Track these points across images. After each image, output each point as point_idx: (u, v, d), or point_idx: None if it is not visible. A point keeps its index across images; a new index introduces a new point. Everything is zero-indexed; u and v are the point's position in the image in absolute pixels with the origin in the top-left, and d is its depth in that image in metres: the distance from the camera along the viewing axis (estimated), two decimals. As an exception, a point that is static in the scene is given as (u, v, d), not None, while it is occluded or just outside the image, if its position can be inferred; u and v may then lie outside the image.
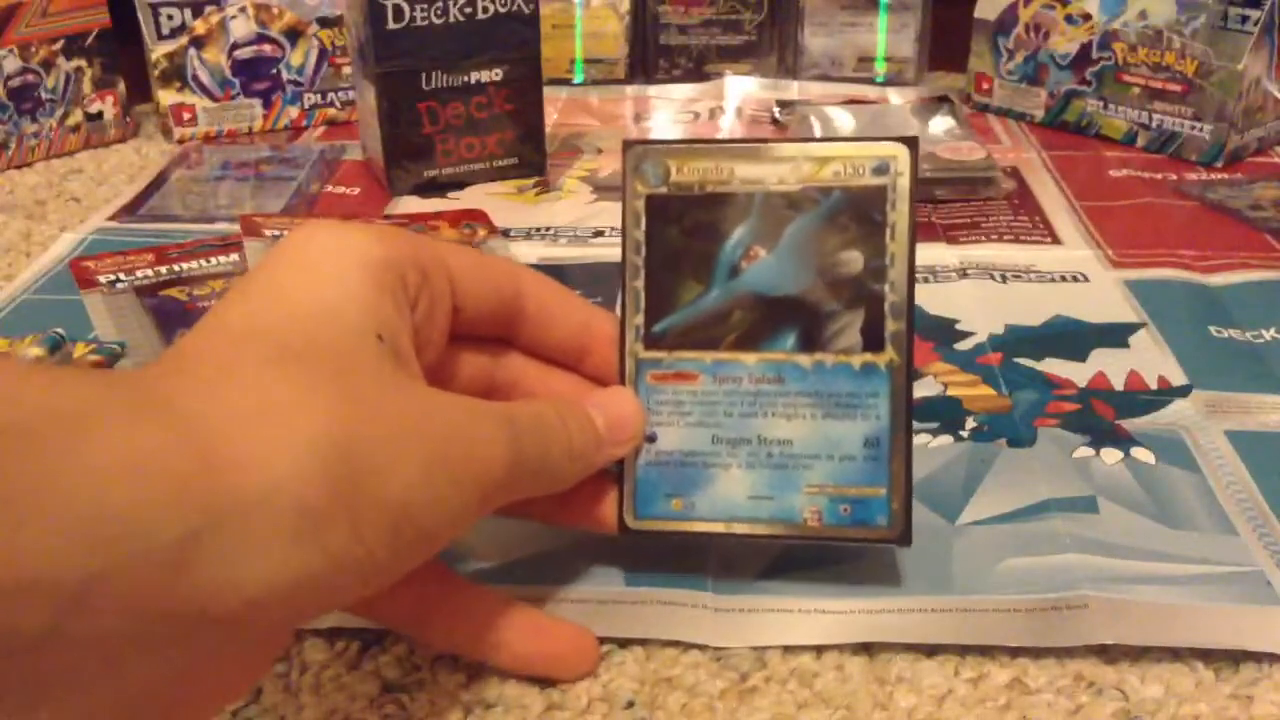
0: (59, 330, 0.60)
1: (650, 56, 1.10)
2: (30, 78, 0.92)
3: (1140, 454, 0.53)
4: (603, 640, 0.44)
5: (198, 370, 0.33)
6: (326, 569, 0.31)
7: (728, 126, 0.99)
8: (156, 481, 0.28)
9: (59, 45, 0.93)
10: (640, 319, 0.43)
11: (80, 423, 0.27)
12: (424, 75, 0.81)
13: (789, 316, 0.43)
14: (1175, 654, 0.43)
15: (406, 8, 0.78)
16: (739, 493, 0.43)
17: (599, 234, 0.78)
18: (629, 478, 0.44)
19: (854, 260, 0.42)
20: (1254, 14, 0.84)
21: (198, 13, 0.94)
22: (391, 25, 0.78)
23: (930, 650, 0.43)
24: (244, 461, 0.29)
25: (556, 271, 0.72)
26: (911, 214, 0.42)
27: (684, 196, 0.43)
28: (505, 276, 0.43)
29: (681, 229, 0.43)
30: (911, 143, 0.42)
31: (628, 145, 0.44)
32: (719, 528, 0.43)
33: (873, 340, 0.42)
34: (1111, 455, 0.53)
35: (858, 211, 0.42)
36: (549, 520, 0.46)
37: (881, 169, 0.42)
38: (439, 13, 0.79)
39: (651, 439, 0.44)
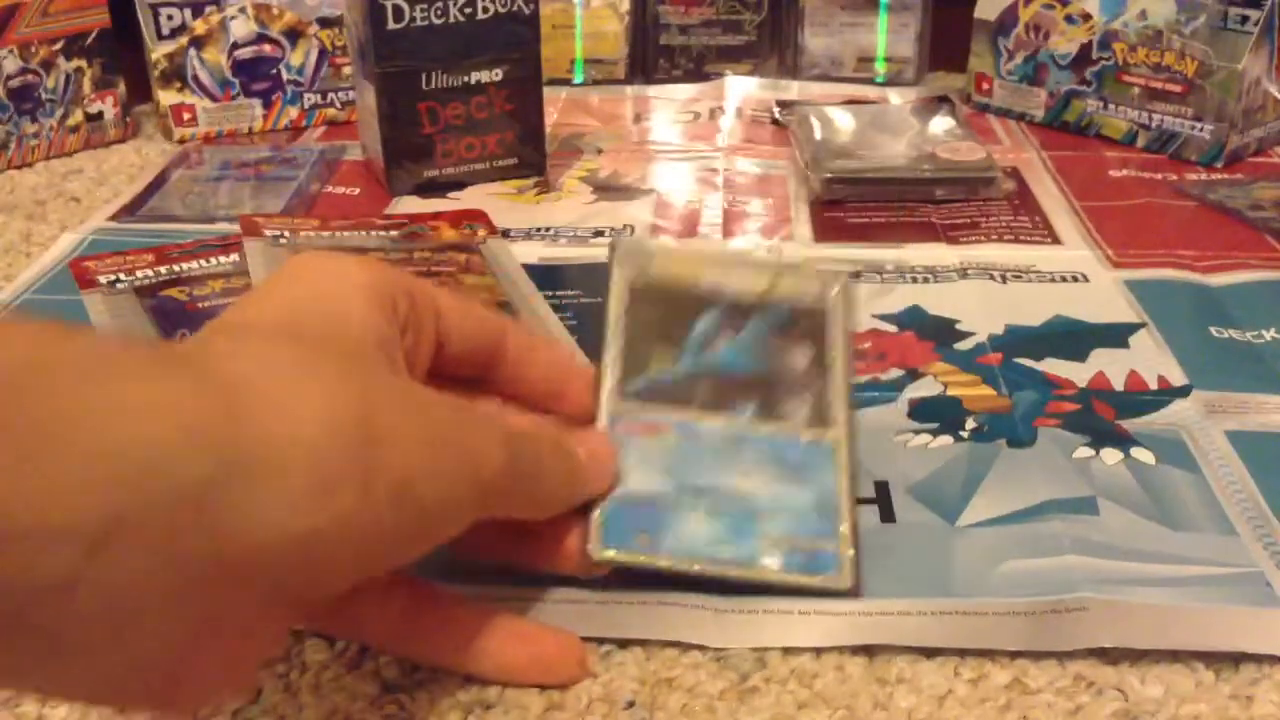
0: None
1: (650, 56, 1.10)
2: (30, 78, 0.92)
3: (1140, 454, 0.53)
4: (602, 640, 0.44)
5: (211, 346, 0.34)
6: (334, 528, 0.31)
7: (728, 127, 0.99)
8: (179, 423, 0.28)
9: (59, 45, 0.93)
10: (614, 380, 0.48)
11: (104, 366, 0.28)
12: (424, 75, 0.81)
13: (749, 391, 0.48)
14: (1175, 654, 0.43)
15: (406, 8, 0.78)
16: (701, 535, 0.45)
17: (599, 234, 0.78)
18: (597, 512, 0.45)
19: (802, 356, 0.49)
20: (1254, 14, 0.84)
21: (198, 13, 0.94)
22: (391, 25, 0.78)
23: (930, 651, 0.43)
24: (264, 414, 0.30)
25: (557, 271, 0.72)
26: (846, 331, 0.49)
27: (661, 288, 0.50)
28: (490, 320, 0.46)
29: (657, 313, 0.49)
30: (850, 276, 0.50)
31: (614, 244, 0.50)
32: (682, 565, 0.45)
33: (819, 418, 0.48)
34: (1111, 455, 0.53)
35: (803, 325, 0.49)
36: (516, 559, 0.46)
37: (823, 296, 0.50)
38: (439, 13, 0.79)
39: (620, 481, 0.46)
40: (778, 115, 0.99)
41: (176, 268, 0.70)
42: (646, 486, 0.46)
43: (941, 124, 0.89)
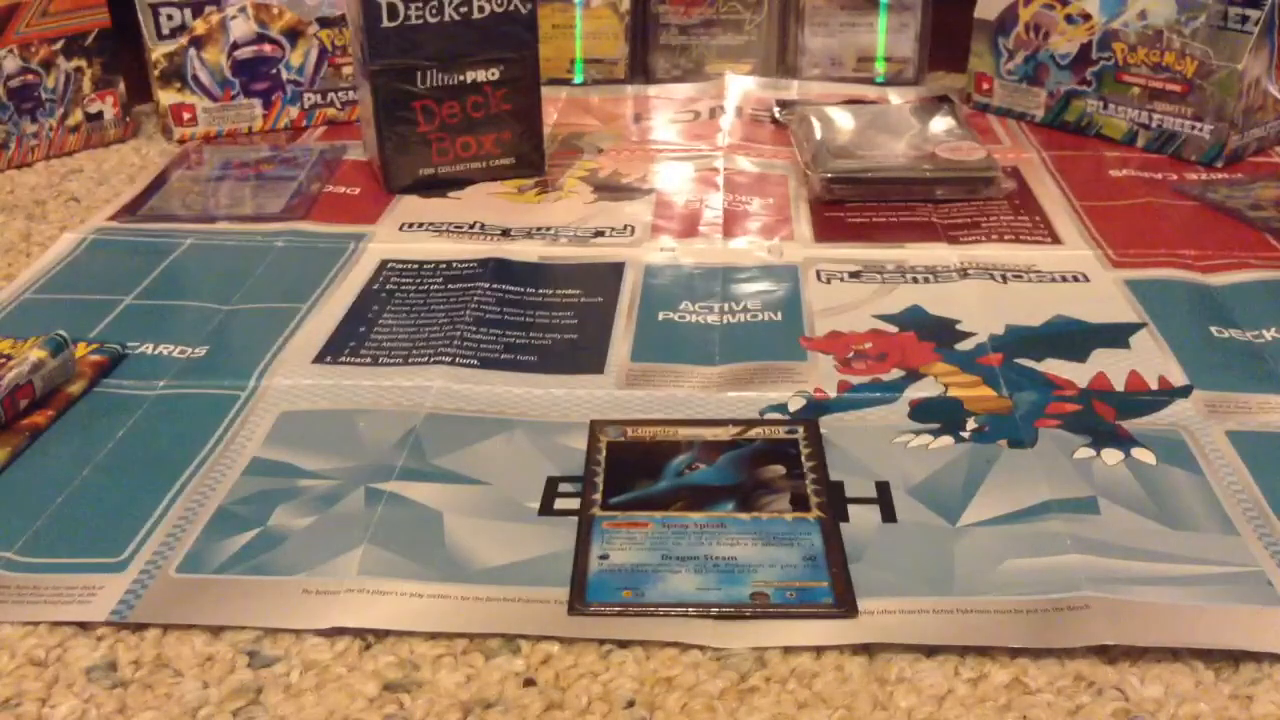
0: (61, 333, 0.60)
1: (650, 56, 1.10)
2: (30, 78, 0.92)
3: (1141, 454, 0.53)
4: (602, 641, 0.44)
5: None
6: None
7: (728, 126, 0.99)
8: None
9: (59, 45, 0.93)
10: (598, 495, 0.51)
11: None
12: (419, 74, 0.81)
13: (728, 494, 0.51)
14: (1175, 654, 0.43)
15: (401, 6, 0.78)
16: (688, 587, 0.46)
17: (599, 234, 0.78)
18: (580, 576, 0.46)
19: (777, 470, 0.53)
20: (1254, 14, 0.84)
21: (198, 13, 0.94)
22: (386, 23, 0.78)
23: (930, 650, 0.43)
24: None
25: (557, 271, 0.72)
26: (820, 456, 0.53)
27: (639, 442, 0.55)
28: None
29: (636, 454, 0.54)
30: (813, 424, 0.56)
31: (595, 424, 0.56)
32: (670, 610, 0.45)
33: (800, 504, 0.50)
34: (1112, 456, 0.53)
35: (777, 452, 0.54)
36: None
37: (792, 430, 0.55)
38: (434, 11, 0.79)
39: (604, 558, 0.47)
40: (778, 115, 0.99)
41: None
42: (630, 560, 0.47)
43: (942, 124, 0.89)
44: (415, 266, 0.73)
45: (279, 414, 0.58)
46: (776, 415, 0.57)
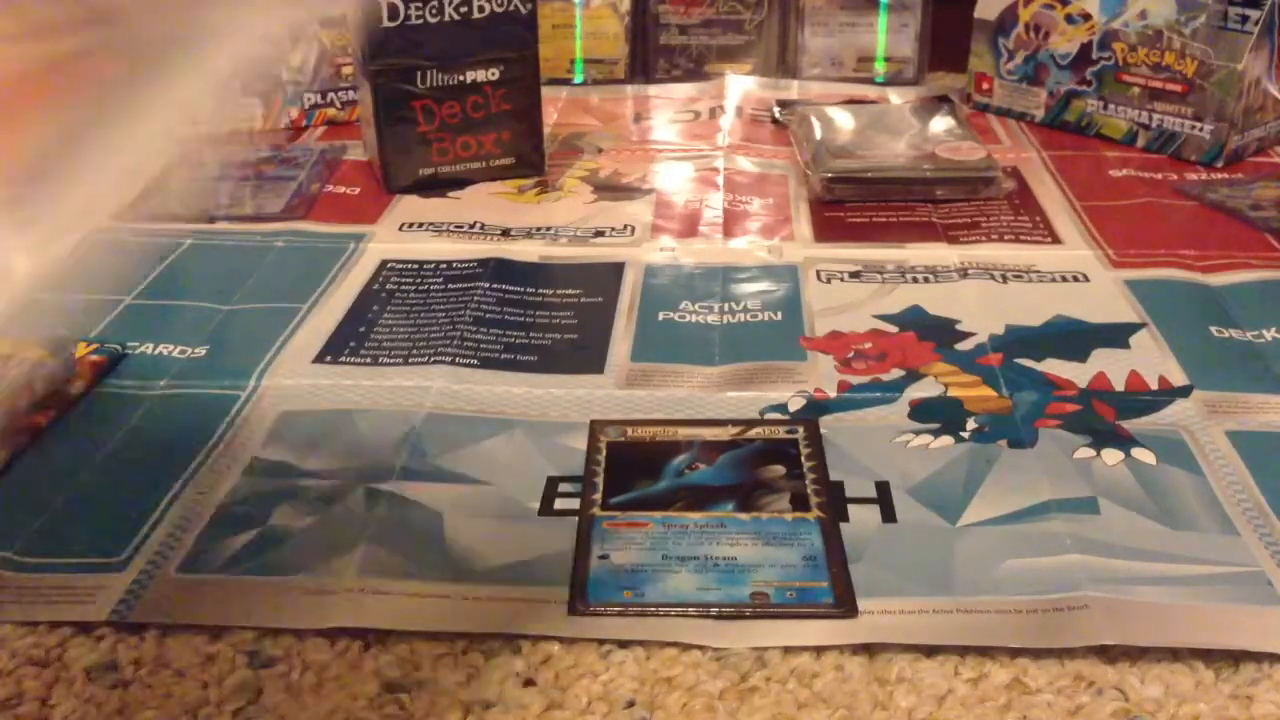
0: (61, 333, 0.60)
1: (650, 56, 1.10)
2: (30, 77, 0.92)
3: (1141, 454, 0.53)
4: (602, 641, 0.44)
5: None
6: None
7: (728, 126, 0.99)
8: None
9: (59, 45, 0.93)
10: (598, 495, 0.51)
11: None
12: (419, 73, 0.81)
13: (728, 494, 0.51)
14: (1175, 654, 0.43)
15: (401, 6, 0.78)
16: (688, 586, 0.46)
17: (599, 234, 0.78)
18: (580, 576, 0.46)
19: (778, 469, 0.53)
20: (1254, 14, 0.84)
21: (197, 12, 0.94)
22: (386, 23, 0.79)
23: (930, 650, 0.43)
24: None
25: (557, 271, 0.72)
26: (820, 456, 0.53)
27: (639, 442, 0.55)
28: None
29: (636, 455, 0.54)
30: (813, 424, 0.56)
31: (595, 424, 0.56)
32: (670, 609, 0.45)
33: (800, 504, 0.50)
34: (1112, 456, 0.53)
35: (777, 452, 0.54)
36: None
37: (792, 430, 0.55)
38: (434, 11, 0.79)
39: (604, 558, 0.47)
40: (778, 115, 0.99)
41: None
42: (630, 560, 0.47)
43: (942, 124, 0.89)
44: (415, 266, 0.73)
45: (279, 414, 0.58)
46: (776, 415, 0.57)
